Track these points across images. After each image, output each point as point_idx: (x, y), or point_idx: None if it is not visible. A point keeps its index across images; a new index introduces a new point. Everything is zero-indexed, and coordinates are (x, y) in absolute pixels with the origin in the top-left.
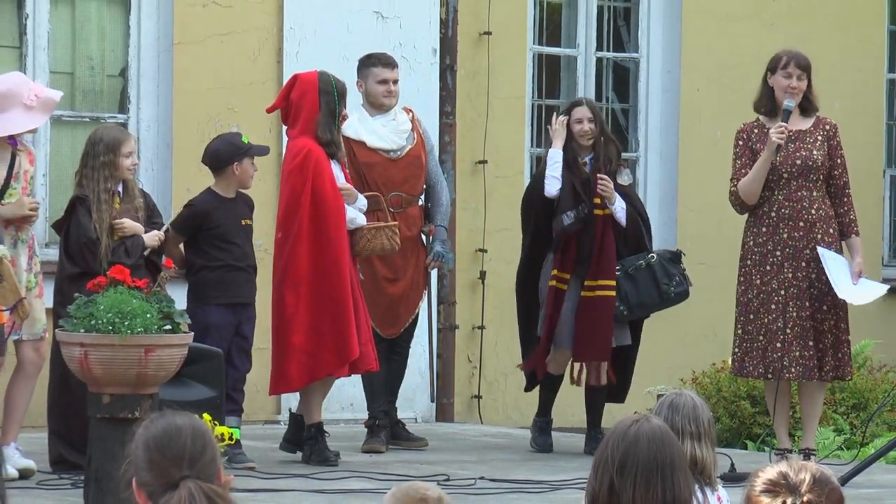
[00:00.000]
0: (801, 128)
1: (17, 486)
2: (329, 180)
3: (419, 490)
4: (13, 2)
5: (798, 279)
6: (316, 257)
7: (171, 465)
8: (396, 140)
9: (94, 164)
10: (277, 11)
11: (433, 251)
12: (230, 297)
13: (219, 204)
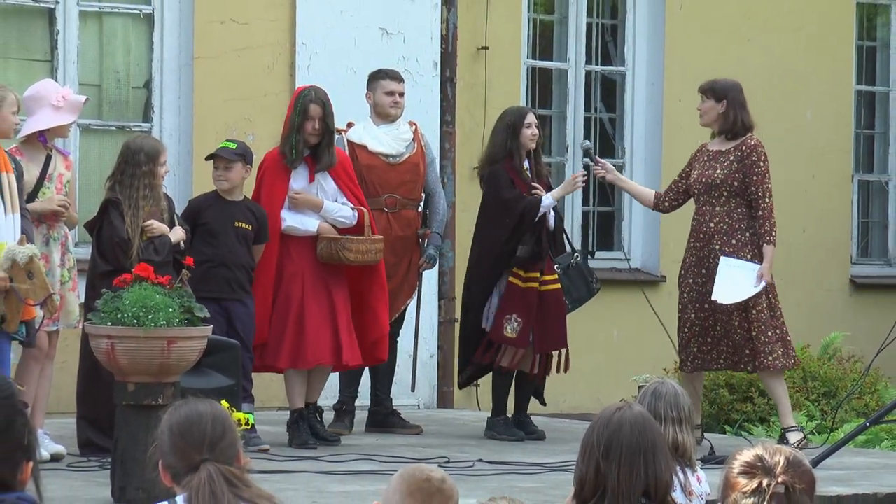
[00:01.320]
0: (721, 149)
1: (48, 469)
2: (268, 188)
3: (424, 471)
4: (45, 18)
5: (698, 284)
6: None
7: (192, 449)
8: (396, 146)
9: (136, 171)
10: (290, 28)
11: (426, 254)
12: (209, 291)
13: (214, 203)
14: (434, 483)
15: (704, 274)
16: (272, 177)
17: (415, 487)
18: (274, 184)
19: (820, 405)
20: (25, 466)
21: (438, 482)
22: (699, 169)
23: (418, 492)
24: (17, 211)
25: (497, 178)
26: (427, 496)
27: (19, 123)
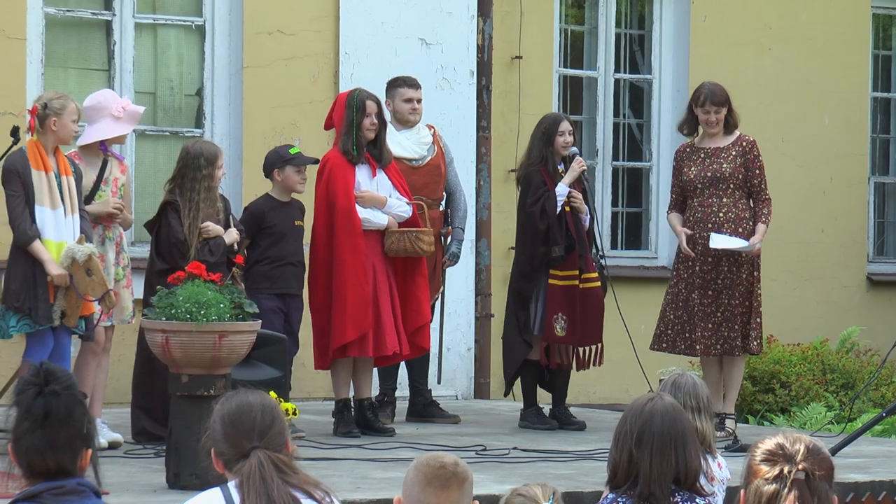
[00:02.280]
0: (719, 145)
1: (106, 456)
2: (341, 185)
3: (436, 459)
4: (103, 30)
5: (704, 272)
6: (328, 253)
7: (243, 437)
8: (418, 150)
9: (195, 175)
10: (334, 38)
11: (449, 251)
12: (278, 288)
13: (273, 206)
14: (448, 468)
15: (710, 262)
16: (342, 175)
17: (431, 476)
18: (346, 181)
19: (838, 396)
20: (84, 454)
21: (452, 466)
22: (699, 166)
23: (435, 479)
24: (76, 212)
25: (528, 183)
26: (444, 482)
27: (78, 131)
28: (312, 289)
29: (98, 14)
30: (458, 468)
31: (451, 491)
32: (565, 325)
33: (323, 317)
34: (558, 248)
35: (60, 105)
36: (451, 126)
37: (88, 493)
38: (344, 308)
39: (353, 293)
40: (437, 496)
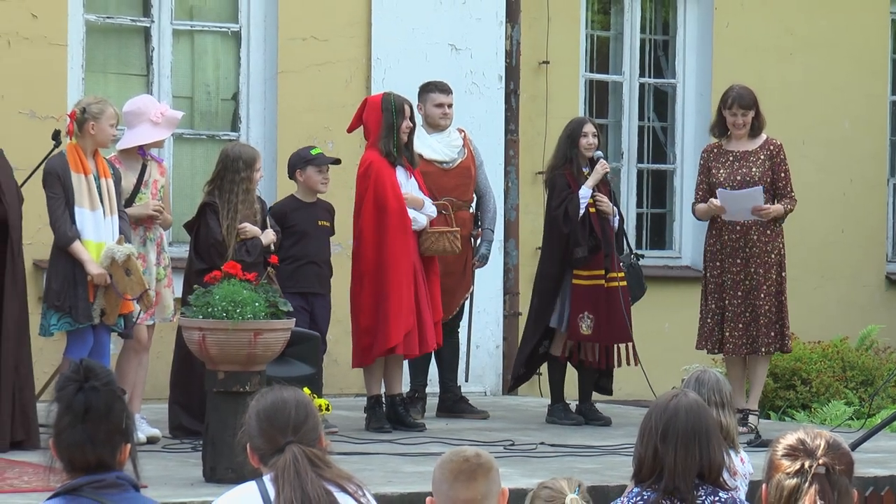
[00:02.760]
0: (747, 149)
1: (144, 450)
2: (390, 186)
3: (459, 454)
4: (141, 36)
5: (732, 273)
6: (378, 253)
7: (278, 432)
8: (449, 153)
9: (234, 177)
10: (366, 44)
11: (479, 253)
12: (300, 287)
13: (296, 206)
14: (472, 461)
15: (739, 263)
16: (388, 176)
17: (457, 471)
18: (393, 183)
19: (858, 393)
20: (124, 448)
21: (475, 458)
22: (728, 168)
23: (461, 473)
24: (115, 213)
25: (553, 187)
26: (470, 474)
27: (117, 135)
28: (358, 288)
29: (137, 21)
30: (481, 459)
31: (479, 482)
32: (591, 324)
33: (369, 316)
34: (580, 249)
35: (99, 109)
36: (480, 129)
37: (127, 487)
38: (399, 307)
39: (406, 292)
40: (466, 489)
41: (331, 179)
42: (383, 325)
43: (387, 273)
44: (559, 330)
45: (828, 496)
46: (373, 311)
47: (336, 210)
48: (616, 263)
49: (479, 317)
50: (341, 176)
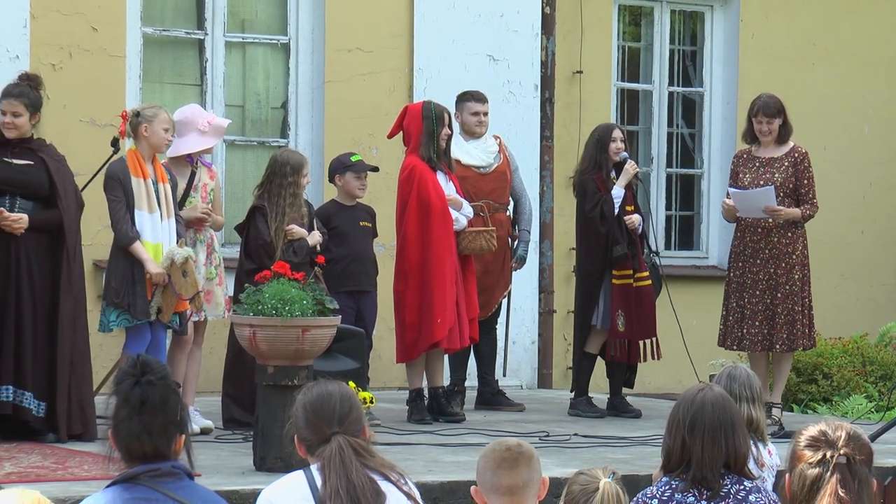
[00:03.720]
0: (773, 155)
1: (198, 441)
2: (433, 188)
3: (501, 444)
4: (196, 48)
5: (753, 272)
6: (422, 252)
7: (324, 424)
8: (485, 158)
9: (283, 182)
10: (409, 55)
11: (516, 254)
12: (350, 286)
13: (338, 210)
14: (514, 450)
15: (759, 264)
16: (431, 179)
17: (500, 459)
18: (436, 185)
19: (877, 387)
20: (178, 439)
21: (517, 447)
22: (753, 173)
23: (504, 462)
24: (172, 216)
25: (584, 191)
26: (512, 462)
27: (171, 140)
28: (403, 287)
29: (191, 33)
30: (522, 448)
31: (521, 469)
32: (624, 322)
33: (414, 313)
34: (620, 247)
35: (152, 113)
36: (517, 136)
37: (182, 475)
38: (443, 304)
39: (449, 290)
40: (508, 476)
41: (377, 184)
42: (428, 322)
43: (431, 271)
44: (596, 327)
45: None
46: (417, 308)
47: (380, 213)
48: (642, 263)
49: (515, 314)
50: (385, 180)
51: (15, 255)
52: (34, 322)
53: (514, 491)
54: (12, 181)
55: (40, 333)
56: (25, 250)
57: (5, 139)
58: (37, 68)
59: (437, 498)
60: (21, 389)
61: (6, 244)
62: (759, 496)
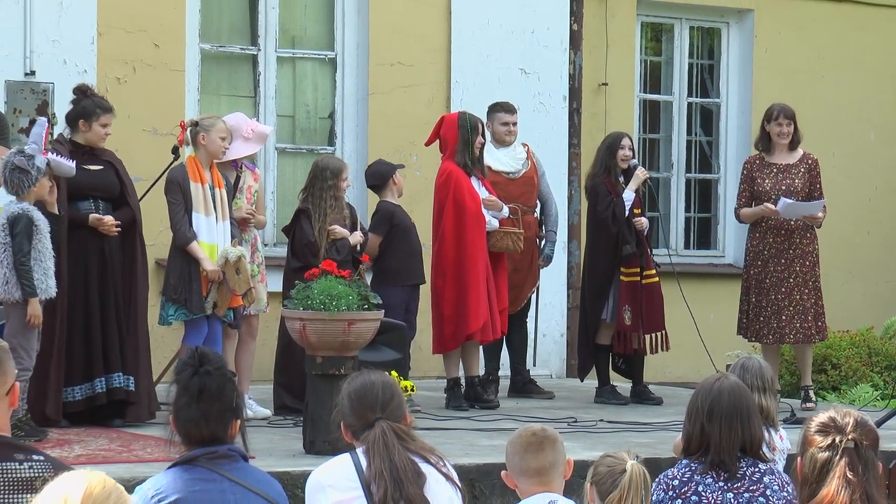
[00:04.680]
0: (788, 162)
1: (252, 426)
2: (468, 192)
3: (527, 429)
4: (249, 62)
5: (777, 271)
6: (458, 251)
7: (367, 410)
8: (514, 165)
9: (323, 185)
10: (446, 69)
11: (543, 253)
12: (408, 280)
13: (395, 207)
14: (538, 434)
15: (783, 263)
16: (466, 183)
17: (526, 443)
18: (470, 189)
19: (882, 376)
20: (234, 424)
21: (541, 432)
22: (772, 179)
23: (531, 446)
24: (227, 219)
25: (596, 193)
26: (538, 446)
27: (227, 149)
28: (441, 283)
29: (246, 49)
30: (546, 432)
31: (546, 452)
32: (630, 316)
33: (451, 306)
34: (629, 246)
35: (210, 123)
36: (547, 143)
37: (237, 458)
38: (477, 298)
39: (482, 286)
40: (535, 459)
41: (416, 188)
42: (463, 315)
43: (466, 269)
44: (606, 321)
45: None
46: (454, 303)
47: (418, 214)
48: (650, 262)
49: (545, 309)
50: (424, 185)
51: (101, 252)
52: (117, 312)
53: (542, 472)
54: (93, 185)
55: (122, 323)
56: (109, 247)
57: (76, 147)
58: (103, 82)
59: (473, 479)
60: (111, 374)
61: (98, 244)
62: (772, 477)
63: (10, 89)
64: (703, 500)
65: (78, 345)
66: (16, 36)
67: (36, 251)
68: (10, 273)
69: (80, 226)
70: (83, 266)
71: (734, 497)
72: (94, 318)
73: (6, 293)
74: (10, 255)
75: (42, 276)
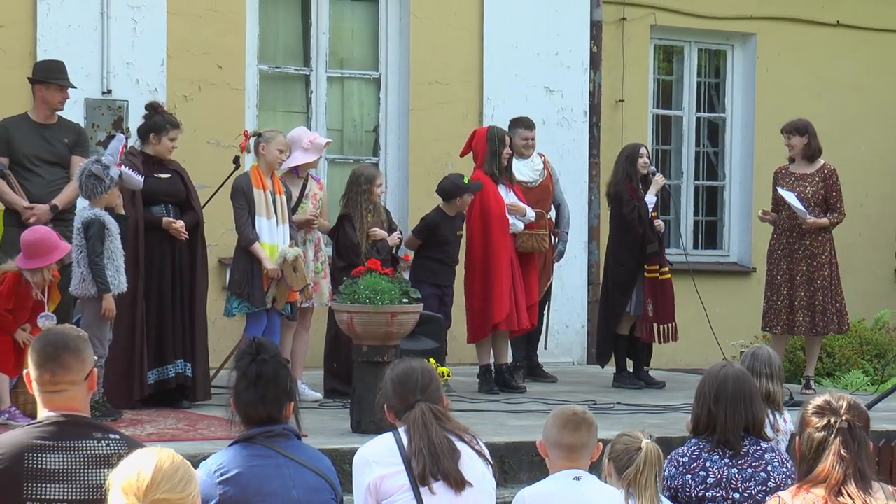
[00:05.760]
0: (805, 171)
1: (304, 408)
2: (493, 198)
3: (570, 408)
4: (302, 82)
5: (791, 268)
6: (484, 250)
7: (408, 393)
8: (532, 175)
9: (359, 190)
10: (479, 88)
11: (556, 249)
12: (437, 280)
13: (443, 219)
14: (579, 415)
15: (795, 261)
16: (492, 191)
17: (566, 420)
18: (496, 195)
19: (872, 364)
20: (288, 406)
21: (582, 414)
22: (790, 186)
23: (569, 423)
24: (286, 222)
25: (619, 197)
26: (576, 425)
27: (284, 159)
28: (471, 279)
29: (299, 70)
30: (586, 416)
31: (581, 432)
32: (653, 309)
33: (479, 300)
34: (652, 245)
35: (271, 136)
36: (569, 154)
37: (291, 436)
38: (501, 293)
39: (506, 281)
40: (570, 436)
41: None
42: (489, 307)
43: (491, 265)
44: (630, 313)
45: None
46: (482, 296)
47: None
48: (664, 260)
49: (568, 302)
50: None
51: (172, 251)
52: (182, 305)
53: (573, 449)
54: (164, 192)
55: (186, 315)
56: (178, 247)
57: (147, 158)
58: (172, 99)
59: (503, 455)
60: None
61: (169, 244)
62: (773, 454)
63: (89, 106)
64: (710, 476)
65: (152, 334)
66: (94, 59)
67: (108, 251)
68: (86, 271)
69: (154, 227)
70: (158, 264)
71: (738, 472)
72: (165, 310)
73: (83, 289)
74: (85, 256)
75: (114, 274)
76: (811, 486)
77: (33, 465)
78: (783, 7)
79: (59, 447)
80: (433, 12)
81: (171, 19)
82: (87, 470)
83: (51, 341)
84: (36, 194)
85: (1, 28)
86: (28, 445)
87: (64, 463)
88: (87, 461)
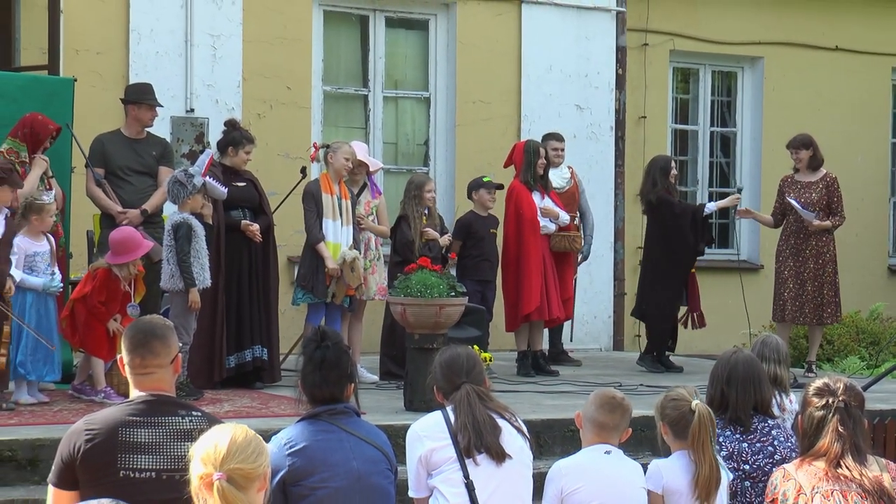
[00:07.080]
0: (809, 180)
1: (363, 388)
2: (526, 203)
3: (610, 391)
4: (361, 101)
5: (797, 265)
6: (517, 250)
7: (455, 376)
8: (560, 183)
9: (411, 195)
10: (517, 106)
11: (581, 252)
12: (478, 276)
13: (475, 219)
14: (617, 399)
15: (801, 260)
16: (526, 197)
17: (605, 401)
18: (529, 201)
19: (868, 350)
20: (349, 387)
21: (620, 398)
22: (796, 193)
23: (606, 404)
24: (351, 224)
25: (666, 201)
26: (612, 407)
27: (349, 167)
28: (506, 275)
29: (359, 90)
30: (624, 401)
31: (616, 415)
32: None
33: (513, 294)
34: (702, 245)
35: (337, 146)
36: (597, 165)
37: (352, 414)
38: (530, 287)
39: (536, 277)
40: (605, 416)
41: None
42: (521, 299)
43: (522, 263)
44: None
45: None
46: (514, 290)
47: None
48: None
49: (597, 296)
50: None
51: (248, 250)
52: (258, 297)
53: (605, 428)
54: (241, 198)
55: (261, 306)
56: (253, 247)
57: (225, 168)
58: (247, 117)
59: (538, 431)
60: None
61: (246, 244)
62: (779, 431)
63: (175, 123)
64: (723, 449)
65: (232, 323)
66: (179, 81)
67: (194, 250)
68: (175, 268)
69: (233, 229)
70: (236, 262)
71: (748, 447)
72: (243, 302)
73: (172, 284)
74: (174, 255)
75: (199, 270)
76: (813, 459)
77: (126, 439)
78: (788, 33)
79: (148, 423)
80: (477, 39)
81: (246, 46)
82: (172, 443)
83: (141, 329)
84: (128, 200)
85: (98, 55)
86: (122, 421)
87: (153, 437)
88: (173, 435)
